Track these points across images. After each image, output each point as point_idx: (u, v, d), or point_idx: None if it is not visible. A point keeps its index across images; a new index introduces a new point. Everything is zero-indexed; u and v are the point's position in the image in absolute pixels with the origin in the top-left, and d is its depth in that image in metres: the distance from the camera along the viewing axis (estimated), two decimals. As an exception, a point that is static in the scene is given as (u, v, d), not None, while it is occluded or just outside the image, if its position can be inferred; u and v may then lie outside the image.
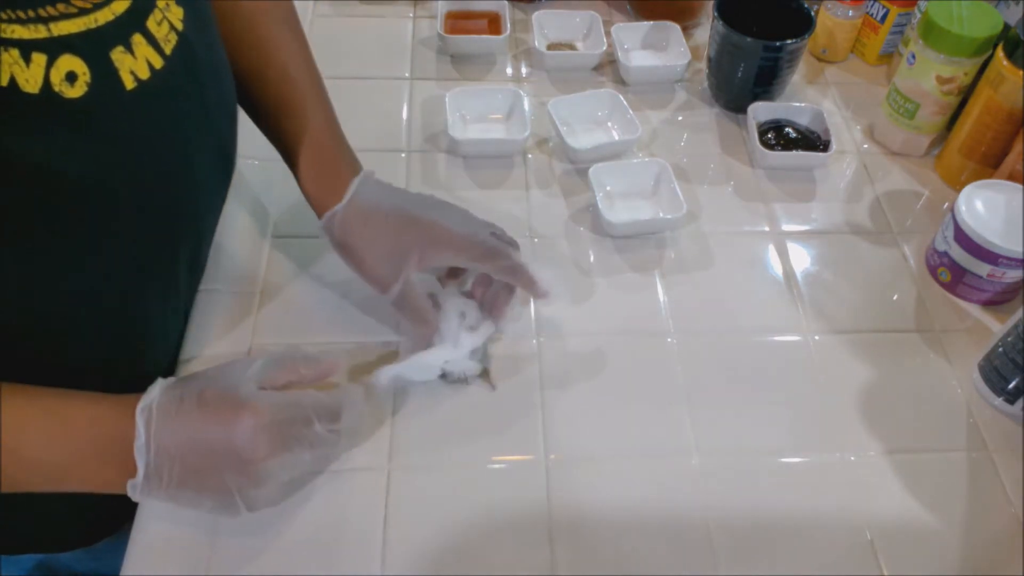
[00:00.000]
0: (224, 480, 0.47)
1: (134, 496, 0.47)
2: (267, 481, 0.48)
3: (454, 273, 0.63)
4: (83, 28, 0.42)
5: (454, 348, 0.59)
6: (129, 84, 0.45)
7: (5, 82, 0.38)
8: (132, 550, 0.52)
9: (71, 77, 0.41)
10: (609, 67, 0.89)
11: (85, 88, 0.42)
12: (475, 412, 0.60)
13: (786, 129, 0.81)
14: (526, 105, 0.79)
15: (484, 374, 0.61)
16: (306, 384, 0.53)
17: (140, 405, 0.47)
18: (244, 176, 0.73)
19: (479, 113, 0.81)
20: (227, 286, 0.66)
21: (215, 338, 0.62)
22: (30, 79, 0.39)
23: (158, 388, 0.49)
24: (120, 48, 0.44)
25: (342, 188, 0.59)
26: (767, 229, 0.74)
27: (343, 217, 0.59)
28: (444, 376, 0.60)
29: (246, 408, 0.47)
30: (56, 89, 0.41)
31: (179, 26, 0.50)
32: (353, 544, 0.53)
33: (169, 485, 0.47)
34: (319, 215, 0.60)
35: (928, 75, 0.75)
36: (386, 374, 0.57)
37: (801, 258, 0.72)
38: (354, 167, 0.62)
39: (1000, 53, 0.70)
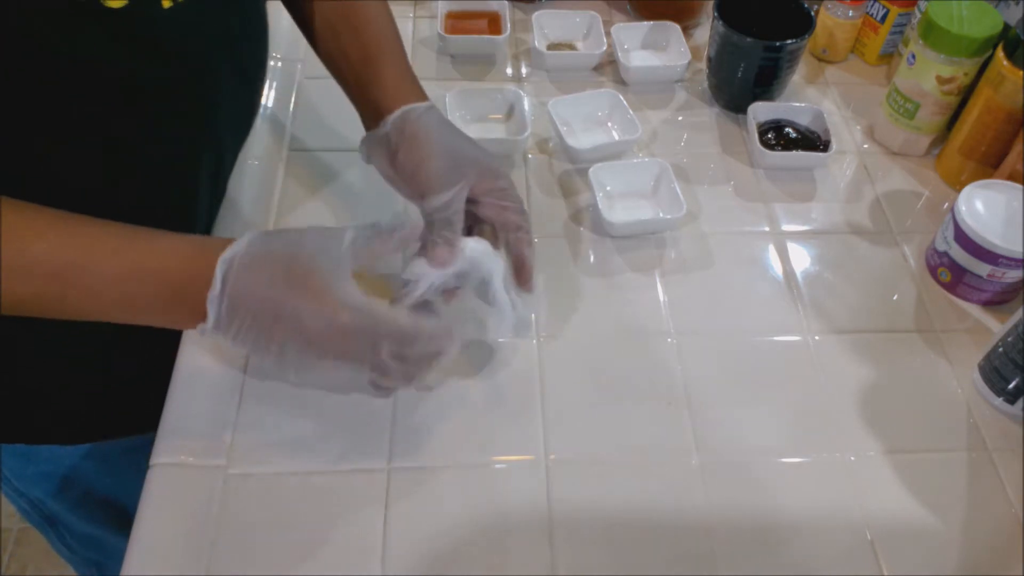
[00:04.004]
0: (285, 351, 0.48)
1: (201, 335, 0.48)
2: (320, 375, 0.49)
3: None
4: None
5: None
6: (166, 2, 0.50)
7: None
8: (132, 549, 0.52)
9: None
10: (609, 67, 0.89)
11: (126, 0, 0.47)
12: (475, 412, 0.60)
13: (786, 129, 0.81)
14: (526, 105, 0.79)
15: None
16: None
17: (224, 255, 0.47)
18: (245, 176, 0.73)
19: (479, 113, 0.81)
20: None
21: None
22: None
23: (245, 241, 0.48)
24: None
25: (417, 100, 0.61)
26: (767, 229, 0.74)
27: (418, 115, 0.59)
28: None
29: (329, 302, 0.47)
30: None
31: None
32: (353, 544, 0.53)
33: (237, 335, 0.48)
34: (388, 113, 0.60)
35: (928, 75, 0.75)
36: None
37: (801, 258, 0.72)
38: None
39: (1000, 53, 0.70)
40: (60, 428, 0.70)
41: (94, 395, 0.69)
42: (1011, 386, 0.61)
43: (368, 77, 0.62)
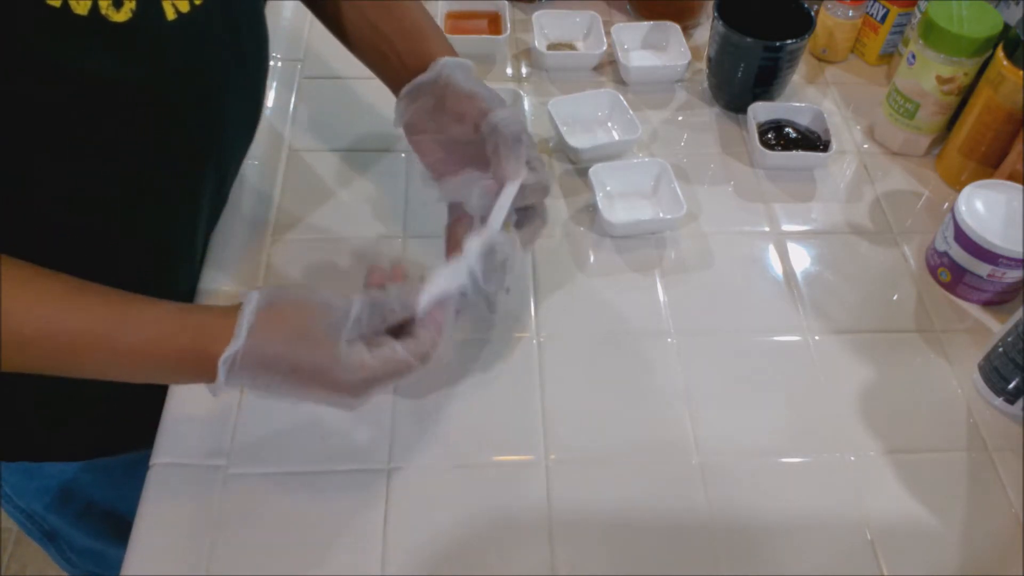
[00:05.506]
0: (310, 398, 0.49)
1: (213, 393, 0.48)
2: (350, 408, 0.50)
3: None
4: None
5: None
6: (170, 15, 0.49)
7: (59, 3, 0.42)
8: (132, 549, 0.52)
9: (117, 2, 0.45)
10: (609, 67, 0.89)
11: (130, 14, 0.46)
12: (475, 412, 0.60)
13: (786, 129, 0.81)
14: (526, 105, 0.79)
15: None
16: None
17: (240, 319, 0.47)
18: (245, 176, 0.73)
19: (479, 113, 0.81)
20: (227, 283, 0.66)
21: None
22: (80, 2, 0.43)
23: (255, 301, 0.48)
24: None
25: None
26: (767, 229, 0.74)
27: (457, 63, 0.60)
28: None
29: (344, 369, 0.48)
30: (103, 12, 0.44)
31: None
32: (353, 544, 0.53)
33: (253, 389, 0.48)
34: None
35: (928, 75, 0.75)
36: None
37: (801, 258, 0.72)
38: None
39: (1000, 53, 0.70)
40: (62, 445, 0.70)
41: (96, 411, 0.68)
42: (1011, 386, 0.61)
43: (410, 46, 0.62)
